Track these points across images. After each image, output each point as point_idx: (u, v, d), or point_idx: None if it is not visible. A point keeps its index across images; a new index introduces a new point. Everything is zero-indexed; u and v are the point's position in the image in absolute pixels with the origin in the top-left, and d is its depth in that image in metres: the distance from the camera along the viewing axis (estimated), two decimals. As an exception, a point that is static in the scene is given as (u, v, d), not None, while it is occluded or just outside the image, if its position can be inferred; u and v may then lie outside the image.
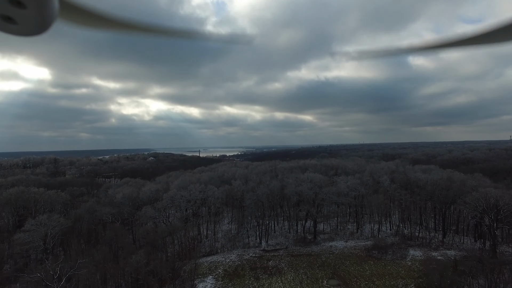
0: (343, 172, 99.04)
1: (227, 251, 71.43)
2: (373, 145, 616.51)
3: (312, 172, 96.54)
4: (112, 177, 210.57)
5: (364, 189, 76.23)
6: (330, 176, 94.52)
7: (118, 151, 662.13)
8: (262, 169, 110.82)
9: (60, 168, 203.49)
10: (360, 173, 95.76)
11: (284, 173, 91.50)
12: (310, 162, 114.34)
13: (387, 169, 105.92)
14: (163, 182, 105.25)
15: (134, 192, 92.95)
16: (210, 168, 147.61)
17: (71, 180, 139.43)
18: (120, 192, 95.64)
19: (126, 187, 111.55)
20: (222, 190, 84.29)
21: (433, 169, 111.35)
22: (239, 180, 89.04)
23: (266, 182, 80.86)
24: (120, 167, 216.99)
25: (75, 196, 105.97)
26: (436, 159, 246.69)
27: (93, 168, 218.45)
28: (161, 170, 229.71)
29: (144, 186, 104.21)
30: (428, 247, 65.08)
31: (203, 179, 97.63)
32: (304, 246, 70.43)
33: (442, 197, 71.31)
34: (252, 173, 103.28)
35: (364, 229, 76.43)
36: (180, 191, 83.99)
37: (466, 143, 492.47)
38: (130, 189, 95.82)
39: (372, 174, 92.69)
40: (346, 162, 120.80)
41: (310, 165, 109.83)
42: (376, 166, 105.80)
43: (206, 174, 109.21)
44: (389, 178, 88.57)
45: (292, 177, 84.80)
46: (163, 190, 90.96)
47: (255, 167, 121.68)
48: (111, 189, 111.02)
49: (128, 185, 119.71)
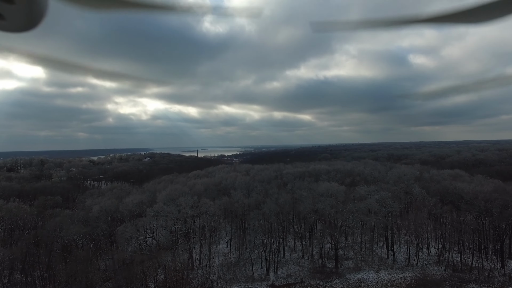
0: (362, 180, 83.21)
1: (225, 285, 55.23)
2: (373, 144, 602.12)
3: (326, 180, 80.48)
4: (102, 180, 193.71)
5: (397, 204, 60.27)
6: (348, 185, 78.57)
7: (116, 150, 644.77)
8: (266, 175, 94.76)
9: (46, 170, 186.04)
10: (383, 182, 79.82)
11: (294, 183, 75.49)
12: (321, 167, 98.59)
13: (410, 175, 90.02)
14: (150, 191, 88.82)
15: (114, 204, 76.44)
16: (207, 172, 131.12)
17: (51, 185, 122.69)
18: (98, 204, 79.25)
19: (108, 196, 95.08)
20: (219, 203, 68.02)
21: (462, 175, 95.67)
22: (239, 191, 72.93)
23: (274, 194, 64.89)
24: (111, 169, 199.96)
25: (47, 207, 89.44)
26: (445, 160, 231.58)
27: (81, 170, 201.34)
28: (155, 173, 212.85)
29: (128, 196, 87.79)
30: (491, 285, 49.08)
31: (197, 188, 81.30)
32: (324, 278, 54.25)
33: (497, 213, 55.59)
34: (255, 180, 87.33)
35: (397, 254, 60.31)
36: (168, 205, 67.68)
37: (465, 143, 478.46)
38: (110, 200, 79.25)
39: (398, 183, 76.69)
40: (361, 166, 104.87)
41: (321, 171, 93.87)
42: (398, 171, 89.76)
43: (201, 182, 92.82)
44: (420, 187, 72.57)
45: (304, 187, 68.90)
46: (148, 203, 74.57)
47: (257, 172, 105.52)
48: (91, 198, 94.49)
49: (112, 192, 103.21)
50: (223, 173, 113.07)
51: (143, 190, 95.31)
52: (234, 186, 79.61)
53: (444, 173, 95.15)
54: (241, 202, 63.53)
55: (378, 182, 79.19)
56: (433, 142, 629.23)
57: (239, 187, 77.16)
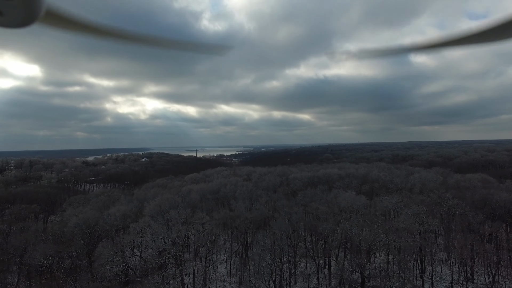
0: (382, 187, 71.80)
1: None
2: (373, 144, 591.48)
3: (341, 188, 68.87)
4: (94, 183, 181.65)
5: (433, 219, 48.67)
6: (366, 193, 67.06)
7: (115, 150, 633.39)
8: (271, 181, 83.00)
9: (34, 172, 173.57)
10: (406, 189, 68.31)
11: (305, 192, 63.54)
12: (332, 172, 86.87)
13: (434, 180, 78.54)
14: (138, 200, 77.03)
15: (94, 216, 64.57)
16: (204, 176, 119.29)
17: (33, 190, 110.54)
18: (76, 215, 67.49)
19: (92, 204, 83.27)
20: (218, 217, 56.34)
21: (491, 181, 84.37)
22: (241, 201, 61.32)
23: (282, 207, 53.26)
24: (104, 171, 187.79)
25: (20, 218, 77.64)
26: (453, 161, 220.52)
27: (73, 172, 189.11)
28: (151, 174, 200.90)
29: (114, 204, 76.06)
30: None
31: (191, 197, 69.63)
32: (348, 317, 42.79)
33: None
34: (258, 187, 75.86)
35: (436, 282, 48.70)
36: (156, 219, 56.04)
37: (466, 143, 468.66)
38: (91, 212, 67.37)
39: (425, 191, 65.16)
40: (375, 170, 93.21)
41: (333, 176, 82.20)
42: (420, 176, 78.18)
43: (197, 188, 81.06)
44: (452, 196, 60.96)
45: (318, 197, 57.30)
46: (133, 215, 62.82)
47: (260, 177, 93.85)
48: (71, 207, 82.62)
49: (98, 200, 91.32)
50: (222, 177, 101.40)
51: (131, 198, 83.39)
52: (235, 195, 67.96)
53: (471, 178, 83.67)
54: (244, 216, 52.00)
55: (401, 190, 67.75)
56: (434, 142, 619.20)
57: (241, 196, 65.55)
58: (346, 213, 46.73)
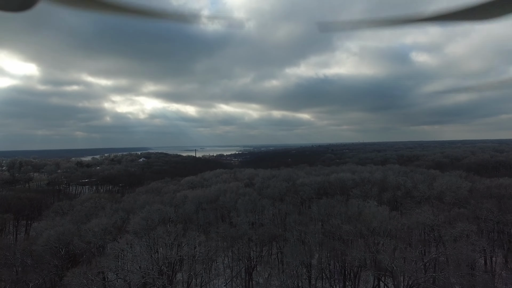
0: (406, 195, 61.46)
1: None
2: (374, 144, 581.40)
3: (360, 197, 58.42)
4: (87, 185, 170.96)
5: (486, 240, 38.46)
6: (388, 203, 56.77)
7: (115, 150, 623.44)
8: (277, 187, 72.24)
9: (22, 174, 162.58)
10: (434, 198, 58.00)
11: (319, 203, 52.64)
12: (345, 177, 76.20)
13: (462, 186, 68.13)
14: (125, 210, 66.67)
15: (70, 231, 54.01)
16: (202, 179, 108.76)
17: (12, 195, 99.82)
18: (51, 229, 57.05)
19: (74, 214, 72.80)
20: (216, 235, 45.93)
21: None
22: (243, 214, 50.93)
23: (293, 224, 42.85)
24: (96, 173, 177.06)
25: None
26: (461, 162, 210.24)
27: (65, 174, 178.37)
28: (147, 176, 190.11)
29: (96, 216, 65.65)
30: None
31: (186, 208, 59.14)
32: None
33: None
34: (262, 195, 65.48)
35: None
36: (140, 237, 45.68)
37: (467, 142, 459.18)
38: (66, 226, 56.75)
39: (460, 200, 54.88)
40: (391, 174, 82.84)
41: (346, 182, 71.63)
42: (446, 182, 67.77)
43: (192, 195, 70.63)
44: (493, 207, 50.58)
45: (337, 210, 46.99)
46: (115, 231, 52.31)
47: (263, 181, 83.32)
48: (49, 218, 72.09)
49: (83, 207, 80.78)
50: (221, 181, 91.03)
51: (117, 207, 72.91)
52: (236, 205, 57.52)
53: (503, 183, 73.31)
54: (248, 237, 41.69)
55: (429, 199, 57.51)
56: (434, 142, 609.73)
57: (243, 207, 55.05)
58: (379, 236, 36.44)
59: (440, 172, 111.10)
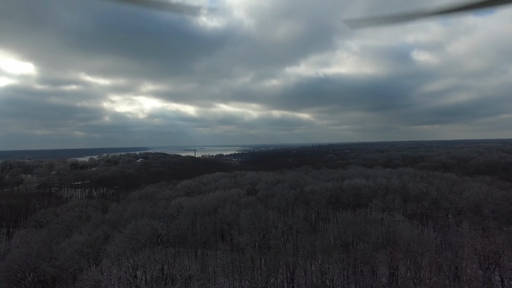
0: (436, 206, 52.45)
1: None
2: (375, 144, 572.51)
3: (381, 210, 49.32)
4: (80, 187, 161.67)
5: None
6: (414, 217, 47.80)
7: (114, 150, 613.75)
8: (283, 195, 62.50)
9: (11, 177, 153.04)
10: (469, 211, 49.05)
11: (338, 221, 43.23)
12: (360, 182, 66.23)
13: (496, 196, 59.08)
14: (110, 222, 57.66)
15: (38, 252, 44.85)
16: (200, 184, 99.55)
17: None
18: (18, 248, 47.95)
19: (52, 228, 63.50)
20: (213, 260, 36.85)
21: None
22: (247, 233, 41.89)
23: (311, 252, 33.94)
24: (91, 175, 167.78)
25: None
26: (469, 163, 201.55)
27: (56, 176, 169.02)
28: (143, 178, 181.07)
29: (77, 230, 56.50)
30: None
31: (179, 223, 49.93)
32: None
33: None
34: (268, 206, 56.35)
35: None
36: (121, 263, 36.65)
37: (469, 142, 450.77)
38: (35, 246, 47.57)
39: (503, 215, 46.02)
40: (410, 180, 73.55)
41: (362, 190, 62.18)
42: (477, 190, 58.76)
43: (189, 204, 61.48)
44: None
45: (360, 230, 38.08)
46: (94, 252, 43.19)
47: (268, 188, 74.10)
48: (28, 228, 62.91)
49: (66, 217, 71.66)
50: (220, 187, 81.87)
51: (102, 218, 63.78)
52: (238, 220, 48.30)
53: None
54: (253, 265, 32.83)
55: (466, 213, 48.54)
56: (435, 141, 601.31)
57: (246, 223, 45.81)
58: (422, 268, 27.57)
59: (456, 176, 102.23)
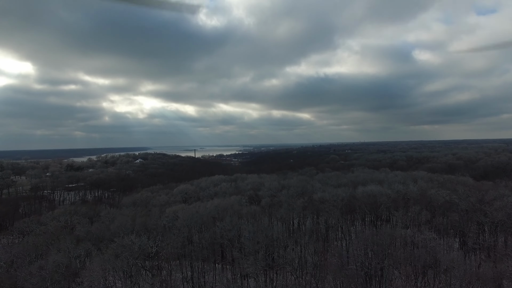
0: (467, 219, 45.27)
1: None
2: (376, 144, 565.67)
3: (412, 225, 42.06)
4: (74, 190, 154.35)
5: None
6: (443, 231, 40.56)
7: (114, 150, 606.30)
8: (290, 205, 55.38)
9: (1, 178, 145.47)
10: (506, 226, 41.88)
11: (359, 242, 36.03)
12: (376, 190, 58.55)
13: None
14: (94, 236, 50.40)
15: (1, 277, 37.54)
16: (198, 188, 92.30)
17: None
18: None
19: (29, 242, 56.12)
20: None
21: None
22: (252, 259, 34.79)
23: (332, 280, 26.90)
24: (85, 177, 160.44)
25: None
26: (476, 164, 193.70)
27: (51, 178, 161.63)
28: (141, 180, 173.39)
29: (59, 242, 49.40)
30: None
31: (173, 239, 42.65)
32: None
33: None
34: (273, 216, 49.24)
35: None
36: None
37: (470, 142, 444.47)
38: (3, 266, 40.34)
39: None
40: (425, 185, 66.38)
41: (379, 198, 54.59)
42: (509, 198, 51.60)
43: (184, 215, 54.12)
44: None
45: (386, 251, 31.10)
46: (69, 277, 35.97)
47: (272, 193, 66.81)
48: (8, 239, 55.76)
49: (49, 227, 64.42)
50: (220, 195, 74.59)
51: (88, 229, 56.47)
52: (239, 235, 41.15)
53: None
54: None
55: (508, 230, 41.39)
56: (436, 141, 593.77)
57: (250, 241, 38.71)
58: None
59: (474, 181, 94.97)
